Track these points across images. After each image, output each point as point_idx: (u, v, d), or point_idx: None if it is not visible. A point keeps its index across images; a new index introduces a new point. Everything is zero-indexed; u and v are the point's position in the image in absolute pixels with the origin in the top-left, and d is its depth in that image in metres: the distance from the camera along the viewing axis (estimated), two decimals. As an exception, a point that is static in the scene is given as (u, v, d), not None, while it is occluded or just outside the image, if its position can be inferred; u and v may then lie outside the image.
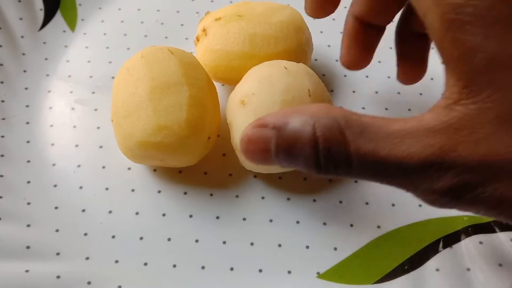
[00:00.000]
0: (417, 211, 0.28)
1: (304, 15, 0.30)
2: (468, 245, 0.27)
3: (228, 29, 0.28)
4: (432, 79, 0.32)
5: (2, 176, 0.28)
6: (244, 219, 0.27)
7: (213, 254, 0.26)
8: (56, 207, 0.27)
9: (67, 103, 0.31)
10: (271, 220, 0.27)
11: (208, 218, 0.27)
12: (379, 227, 0.27)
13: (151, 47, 0.27)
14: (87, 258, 0.25)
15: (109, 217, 0.27)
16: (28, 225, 0.26)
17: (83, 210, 0.27)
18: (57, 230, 0.26)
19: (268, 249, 0.26)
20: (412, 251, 0.26)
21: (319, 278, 0.25)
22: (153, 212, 0.27)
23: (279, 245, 0.26)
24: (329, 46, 0.35)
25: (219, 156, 0.29)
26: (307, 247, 0.26)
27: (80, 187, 0.28)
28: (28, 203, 0.27)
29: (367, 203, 0.28)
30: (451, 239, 0.27)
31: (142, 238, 0.26)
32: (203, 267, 0.25)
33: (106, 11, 0.36)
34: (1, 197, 0.27)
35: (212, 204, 0.27)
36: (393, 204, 0.28)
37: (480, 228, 0.27)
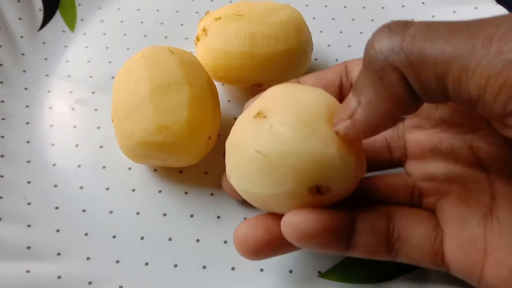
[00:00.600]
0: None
1: (304, 14, 0.31)
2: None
3: (228, 28, 0.28)
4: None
5: (2, 176, 0.28)
6: (245, 218, 0.27)
7: (214, 253, 0.26)
8: (56, 207, 0.27)
9: (67, 103, 0.31)
10: (272, 220, 0.27)
11: (209, 217, 0.27)
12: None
13: (151, 47, 0.27)
14: (88, 258, 0.25)
15: (109, 217, 0.27)
16: (29, 225, 0.26)
17: (84, 210, 0.27)
18: (57, 230, 0.26)
19: (269, 248, 0.26)
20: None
21: (321, 278, 0.25)
22: (154, 212, 0.27)
23: (280, 244, 0.26)
24: (329, 45, 0.35)
25: (219, 156, 0.29)
26: (308, 246, 0.26)
27: (81, 187, 0.28)
28: (29, 203, 0.27)
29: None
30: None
31: (143, 238, 0.26)
32: (204, 267, 0.25)
33: (105, 11, 0.36)
34: (1, 197, 0.27)
35: (213, 204, 0.27)
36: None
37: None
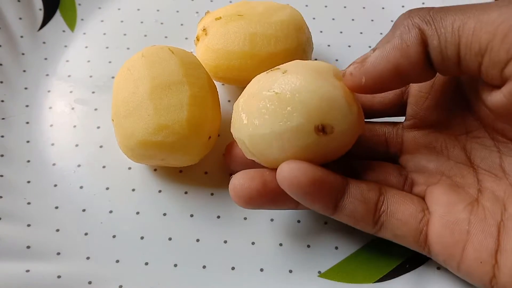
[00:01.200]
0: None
1: (304, 14, 0.31)
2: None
3: (229, 28, 0.28)
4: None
5: (2, 176, 0.28)
6: (245, 218, 0.27)
7: (214, 253, 0.26)
8: (56, 207, 0.27)
9: (67, 103, 0.31)
10: (272, 220, 0.27)
11: (209, 217, 0.27)
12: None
13: (151, 47, 0.27)
14: (88, 258, 0.25)
15: (109, 216, 0.27)
16: (29, 225, 0.26)
17: (84, 210, 0.27)
18: (57, 230, 0.26)
19: (269, 248, 0.26)
20: (413, 250, 0.26)
21: (321, 277, 0.25)
22: (153, 211, 0.27)
23: (280, 244, 0.26)
24: (329, 45, 0.35)
25: (219, 156, 0.29)
26: (308, 246, 0.26)
27: (81, 187, 0.28)
28: (28, 203, 0.27)
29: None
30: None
31: (143, 238, 0.26)
32: (204, 267, 0.25)
33: (105, 11, 0.36)
34: (1, 197, 0.27)
35: (213, 204, 0.27)
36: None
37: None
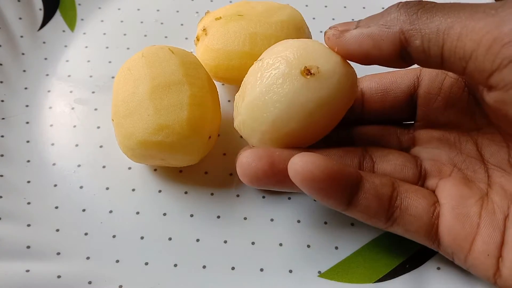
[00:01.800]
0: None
1: (304, 14, 0.30)
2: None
3: (229, 28, 0.28)
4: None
5: (2, 176, 0.28)
6: (245, 218, 0.27)
7: (214, 253, 0.26)
8: (56, 207, 0.27)
9: (67, 103, 0.31)
10: (272, 219, 0.27)
11: (209, 217, 0.27)
12: (383, 229, 0.27)
13: (151, 47, 0.27)
14: (88, 258, 0.25)
15: (109, 216, 0.27)
16: (28, 225, 0.26)
17: (84, 210, 0.27)
18: (57, 230, 0.26)
19: (269, 248, 0.26)
20: (413, 250, 0.26)
21: (320, 277, 0.25)
22: (153, 211, 0.27)
23: (280, 244, 0.26)
24: (329, 45, 0.35)
25: (219, 156, 0.29)
26: (308, 246, 0.26)
27: (81, 187, 0.28)
28: (28, 203, 0.27)
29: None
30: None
31: (143, 238, 0.26)
32: (204, 267, 0.25)
33: (105, 11, 0.36)
34: (1, 196, 0.27)
35: (213, 204, 0.27)
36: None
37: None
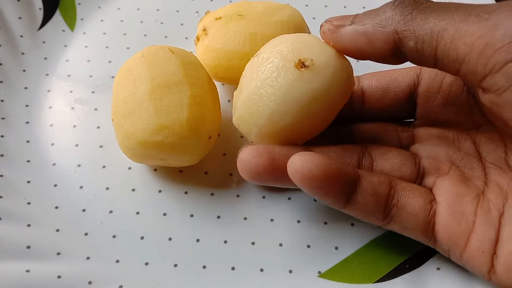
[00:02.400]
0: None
1: (304, 14, 0.30)
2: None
3: (229, 28, 0.28)
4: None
5: (2, 176, 0.28)
6: (245, 218, 0.27)
7: (214, 253, 0.26)
8: (56, 207, 0.27)
9: (67, 103, 0.31)
10: (272, 220, 0.27)
11: (209, 217, 0.27)
12: (379, 227, 0.27)
13: (151, 47, 0.27)
14: (88, 258, 0.25)
15: (109, 216, 0.27)
16: (29, 225, 0.26)
17: (84, 210, 0.27)
18: (57, 230, 0.26)
19: (269, 248, 0.26)
20: (413, 250, 0.26)
21: (320, 278, 0.25)
22: (153, 211, 0.27)
23: (280, 244, 0.26)
24: (329, 45, 0.35)
25: (219, 156, 0.29)
26: (308, 246, 0.26)
27: (81, 187, 0.28)
28: (28, 203, 0.27)
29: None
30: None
31: (143, 238, 0.26)
32: (204, 267, 0.25)
33: (105, 11, 0.36)
34: (1, 196, 0.27)
35: (213, 204, 0.27)
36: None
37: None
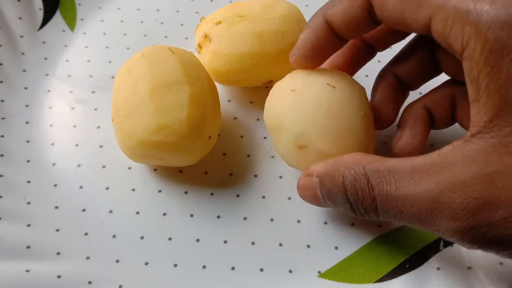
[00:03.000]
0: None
1: (304, 14, 0.30)
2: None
3: (234, 31, 0.28)
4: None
5: (2, 176, 0.28)
6: (245, 218, 0.27)
7: (214, 253, 0.26)
8: (56, 207, 0.27)
9: (67, 103, 0.31)
10: (272, 220, 0.27)
11: (209, 217, 0.27)
12: (380, 226, 0.27)
13: (151, 46, 0.27)
14: (88, 258, 0.25)
15: (109, 216, 0.27)
16: (28, 224, 0.26)
17: (84, 210, 0.27)
18: (57, 230, 0.26)
19: (269, 248, 0.26)
20: (413, 250, 0.26)
21: (320, 277, 0.25)
22: (153, 211, 0.27)
23: (280, 244, 0.26)
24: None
25: (219, 156, 0.29)
26: (308, 246, 0.26)
27: (81, 187, 0.28)
28: (28, 203, 0.27)
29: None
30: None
31: (142, 238, 0.26)
32: (204, 267, 0.25)
33: (105, 11, 0.36)
34: (1, 196, 0.27)
35: (213, 204, 0.27)
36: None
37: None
